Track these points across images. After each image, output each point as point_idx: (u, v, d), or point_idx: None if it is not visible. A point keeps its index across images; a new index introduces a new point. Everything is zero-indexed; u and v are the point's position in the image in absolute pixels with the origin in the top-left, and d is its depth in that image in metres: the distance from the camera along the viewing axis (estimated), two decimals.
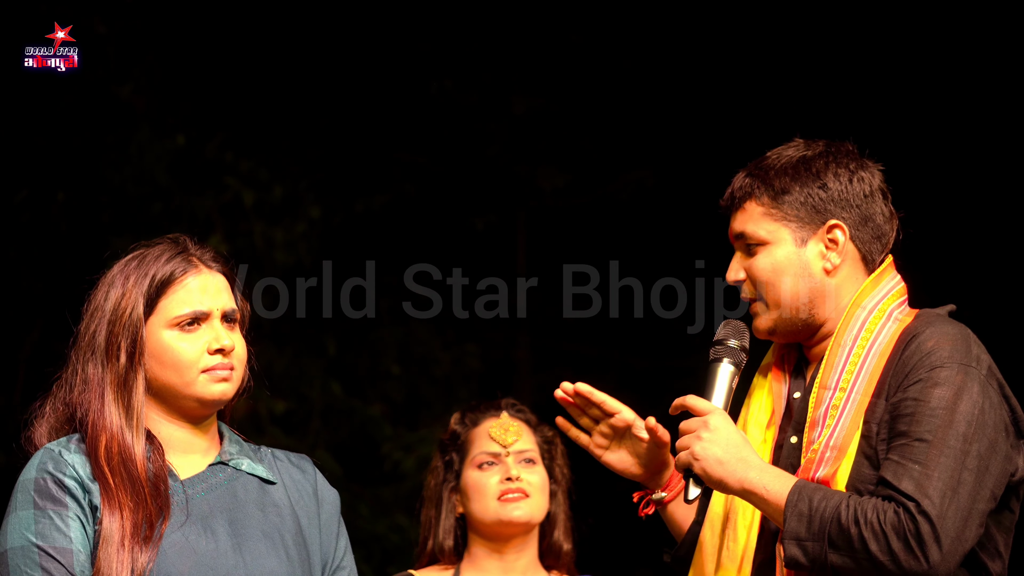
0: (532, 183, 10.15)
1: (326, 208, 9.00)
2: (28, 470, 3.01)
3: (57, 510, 2.96)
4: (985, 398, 2.94)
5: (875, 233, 3.15)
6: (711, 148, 10.05)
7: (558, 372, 10.79)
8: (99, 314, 3.09)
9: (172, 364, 3.06)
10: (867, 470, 2.98)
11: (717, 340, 3.21)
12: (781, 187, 3.14)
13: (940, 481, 2.86)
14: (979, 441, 2.91)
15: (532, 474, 3.85)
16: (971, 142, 9.20)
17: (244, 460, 3.17)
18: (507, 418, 3.90)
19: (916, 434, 2.92)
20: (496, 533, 3.82)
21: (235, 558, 3.02)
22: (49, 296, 8.50)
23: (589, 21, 10.05)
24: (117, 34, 8.27)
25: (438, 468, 3.94)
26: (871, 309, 3.10)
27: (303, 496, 3.21)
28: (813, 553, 2.91)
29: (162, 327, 3.07)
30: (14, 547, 2.94)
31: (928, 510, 2.84)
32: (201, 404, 3.09)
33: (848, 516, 2.88)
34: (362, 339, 9.24)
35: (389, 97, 9.86)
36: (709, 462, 3.01)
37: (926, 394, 2.94)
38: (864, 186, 3.14)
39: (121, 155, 8.31)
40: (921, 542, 2.83)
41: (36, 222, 8.43)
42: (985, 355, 3.01)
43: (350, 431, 9.00)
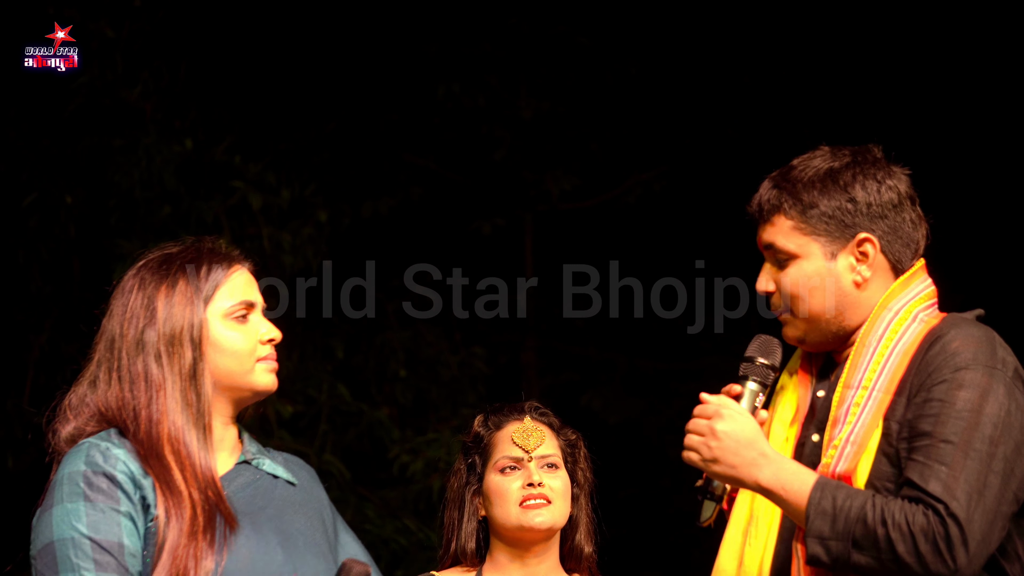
0: (539, 187, 10.15)
1: (333, 212, 9.01)
2: (73, 463, 2.97)
3: (109, 504, 2.94)
4: (1011, 400, 2.94)
5: (905, 241, 3.13)
6: (717, 150, 10.07)
7: (565, 375, 10.81)
8: (142, 314, 3.08)
9: (232, 352, 3.10)
10: (886, 467, 2.98)
11: (746, 356, 3.18)
12: (810, 201, 3.11)
13: (967, 484, 2.86)
14: (1005, 444, 2.91)
15: (554, 479, 3.84)
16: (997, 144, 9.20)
17: (265, 460, 3.19)
18: (530, 422, 3.89)
19: (942, 435, 2.91)
20: (517, 538, 3.82)
21: (283, 557, 3.04)
22: (58, 299, 8.52)
23: (596, 25, 10.06)
24: (125, 38, 8.28)
25: (461, 471, 3.92)
26: (897, 311, 3.09)
27: (315, 498, 3.23)
28: (836, 552, 2.91)
29: (218, 318, 3.11)
30: (63, 538, 2.91)
31: (957, 512, 2.84)
32: (255, 394, 3.15)
33: (875, 516, 2.88)
34: (369, 342, 9.25)
35: (397, 101, 9.87)
36: (721, 467, 3.02)
37: (951, 395, 2.93)
38: (892, 195, 3.11)
39: (129, 159, 8.32)
40: (950, 544, 2.83)
41: (45, 225, 8.45)
42: (1011, 357, 3.00)
43: (357, 434, 9.00)
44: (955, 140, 9.29)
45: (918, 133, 9.11)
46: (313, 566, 3.07)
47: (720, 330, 6.78)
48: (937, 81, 9.39)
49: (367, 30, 9.73)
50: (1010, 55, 9.07)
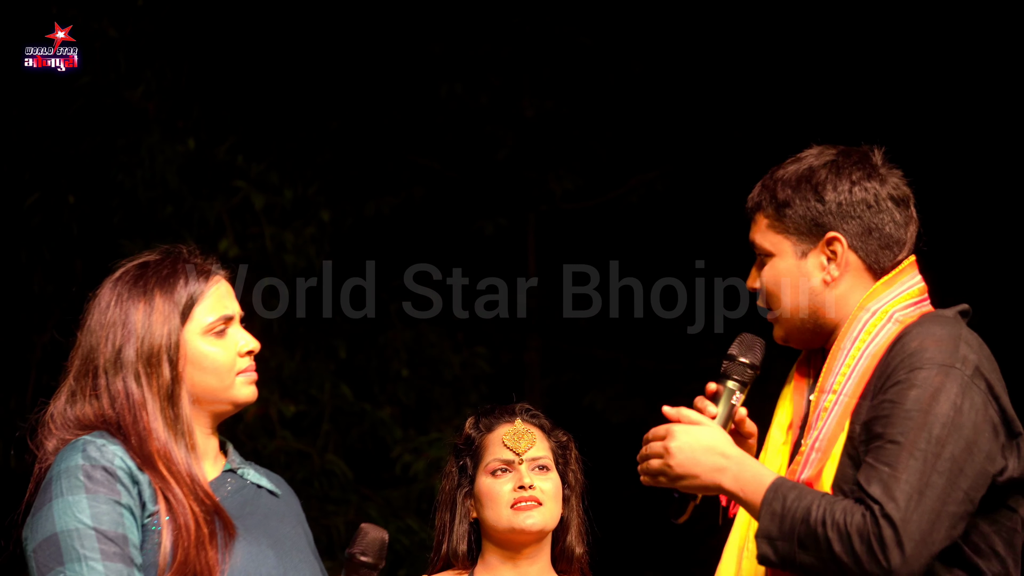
0: (542, 186, 10.16)
1: (336, 211, 9.02)
2: (70, 458, 2.97)
3: (109, 496, 2.94)
4: (966, 399, 2.92)
5: (883, 242, 3.13)
6: (718, 150, 10.07)
7: (568, 375, 10.82)
8: (119, 330, 3.08)
9: (212, 369, 3.10)
10: (850, 470, 2.98)
11: (727, 355, 3.21)
12: (784, 200, 3.14)
13: (907, 484, 2.86)
14: (954, 443, 2.89)
15: (545, 481, 3.84)
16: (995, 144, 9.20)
17: (249, 470, 3.20)
18: (521, 424, 3.89)
19: (889, 436, 2.91)
20: (509, 540, 3.82)
21: (275, 560, 3.06)
22: (60, 298, 8.52)
23: (599, 25, 10.07)
24: (128, 38, 8.29)
25: (452, 473, 3.92)
26: (874, 312, 3.09)
27: (296, 511, 3.25)
28: (783, 552, 2.92)
29: (197, 335, 3.10)
30: (67, 529, 2.90)
31: (891, 513, 2.84)
32: (235, 407, 3.15)
33: (816, 516, 2.89)
34: (372, 342, 9.26)
35: (399, 101, 9.88)
36: (687, 481, 3.06)
37: (902, 396, 2.93)
38: (867, 195, 3.12)
39: (132, 158, 8.33)
40: (883, 545, 2.83)
41: (47, 225, 8.46)
42: (975, 355, 2.98)
43: (360, 434, 9.00)
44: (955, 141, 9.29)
45: (920, 132, 9.12)
46: (303, 571, 3.09)
47: (720, 330, 6.80)
48: (939, 82, 9.39)
49: (370, 30, 9.73)
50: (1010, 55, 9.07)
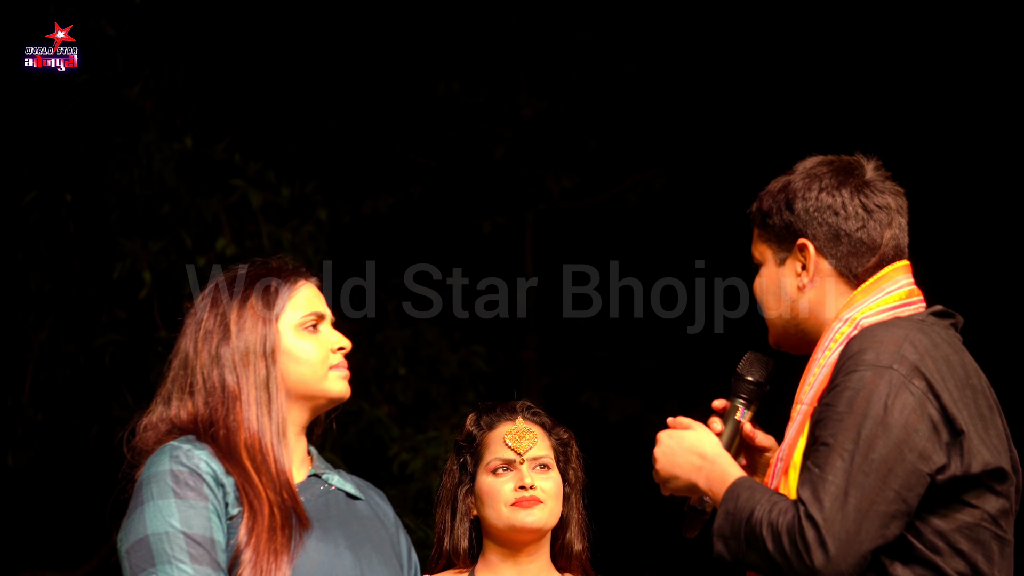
0: (540, 185, 10.16)
1: (334, 210, 9.01)
2: (159, 463, 3.07)
3: (197, 500, 3.03)
4: (897, 399, 2.94)
5: (853, 248, 3.14)
6: (716, 149, 10.07)
7: (565, 373, 10.82)
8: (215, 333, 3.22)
9: (305, 361, 3.22)
10: None
11: (735, 372, 3.29)
12: (766, 210, 3.21)
13: (833, 484, 2.90)
14: (883, 443, 2.92)
15: (546, 480, 3.84)
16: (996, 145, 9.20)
17: (333, 475, 3.29)
18: (522, 423, 3.89)
19: (822, 439, 2.96)
20: (509, 539, 3.83)
21: (352, 561, 3.14)
22: (57, 297, 8.52)
23: (597, 23, 10.06)
24: (125, 36, 8.29)
25: (453, 470, 3.93)
26: (846, 320, 3.12)
27: (383, 514, 3.33)
28: (734, 550, 2.99)
29: (290, 329, 3.23)
30: (157, 532, 3.00)
31: (814, 514, 2.89)
32: (329, 401, 3.26)
33: (757, 516, 2.95)
34: (369, 340, 9.26)
35: (397, 99, 9.88)
36: (674, 482, 3.18)
37: (836, 398, 2.97)
38: (834, 202, 3.14)
39: (129, 156, 8.33)
40: (806, 545, 2.88)
41: (44, 223, 8.46)
42: (916, 355, 2.99)
43: (357, 432, 9.00)
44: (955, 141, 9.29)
45: (920, 132, 9.12)
46: (381, 573, 3.18)
47: (720, 330, 6.81)
48: (940, 82, 9.39)
49: (367, 28, 9.73)
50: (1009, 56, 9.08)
